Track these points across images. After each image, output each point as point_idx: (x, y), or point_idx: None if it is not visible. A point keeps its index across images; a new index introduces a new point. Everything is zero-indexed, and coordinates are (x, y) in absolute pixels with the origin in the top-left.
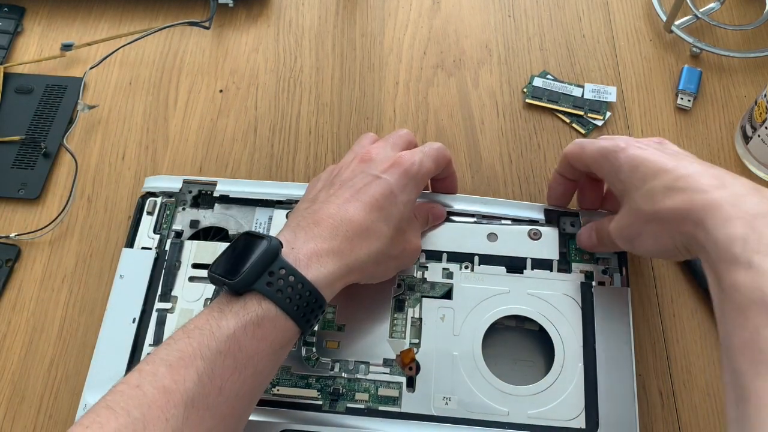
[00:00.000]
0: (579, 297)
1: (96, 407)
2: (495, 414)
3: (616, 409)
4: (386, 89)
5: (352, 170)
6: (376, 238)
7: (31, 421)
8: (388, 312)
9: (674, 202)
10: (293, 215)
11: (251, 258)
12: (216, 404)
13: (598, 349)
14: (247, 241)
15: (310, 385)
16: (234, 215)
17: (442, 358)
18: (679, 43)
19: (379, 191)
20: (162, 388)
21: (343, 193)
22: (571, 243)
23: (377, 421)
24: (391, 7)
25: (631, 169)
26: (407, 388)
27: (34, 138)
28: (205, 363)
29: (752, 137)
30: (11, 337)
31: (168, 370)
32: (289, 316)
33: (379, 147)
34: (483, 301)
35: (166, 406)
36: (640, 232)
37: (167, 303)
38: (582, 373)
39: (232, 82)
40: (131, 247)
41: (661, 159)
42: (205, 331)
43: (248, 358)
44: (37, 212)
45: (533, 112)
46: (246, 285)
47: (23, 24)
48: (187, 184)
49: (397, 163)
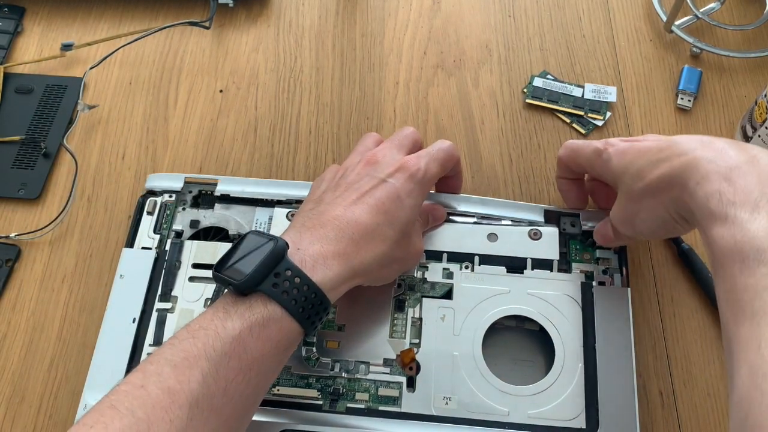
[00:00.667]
0: (579, 297)
1: (99, 406)
2: (495, 414)
3: (617, 409)
4: (386, 89)
5: (358, 173)
6: (381, 241)
7: (31, 421)
8: (388, 312)
9: (660, 170)
10: (298, 216)
11: (257, 258)
12: (220, 405)
13: (599, 349)
14: (253, 240)
15: (310, 384)
16: (234, 215)
17: (442, 358)
18: (679, 43)
19: (386, 195)
20: (166, 388)
21: (349, 195)
22: (571, 243)
23: (377, 421)
24: (391, 7)
25: (619, 158)
26: (407, 388)
27: (34, 138)
28: (210, 364)
29: (752, 137)
30: (11, 337)
31: (172, 370)
32: (294, 318)
33: (385, 149)
34: (483, 301)
35: (170, 406)
36: (637, 211)
37: (167, 303)
38: (582, 373)
39: (232, 82)
40: (131, 247)
41: (646, 142)
42: (210, 332)
43: (253, 360)
44: (37, 212)
45: (533, 112)
46: (252, 286)
47: (23, 24)
48: (188, 183)
49: (404, 167)
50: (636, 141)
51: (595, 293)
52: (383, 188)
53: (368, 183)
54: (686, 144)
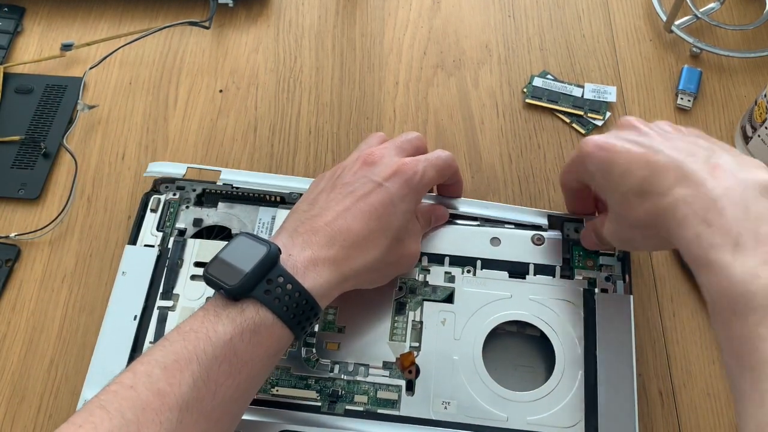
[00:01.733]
0: (581, 304)
1: (89, 406)
2: (494, 419)
3: (616, 418)
4: (386, 89)
5: (354, 173)
6: (372, 247)
7: (31, 421)
8: (388, 314)
9: (645, 209)
10: (291, 216)
11: (250, 264)
12: (210, 408)
13: (599, 357)
14: (244, 243)
15: (309, 386)
16: (237, 214)
17: (442, 362)
18: (679, 43)
19: (379, 200)
20: (157, 390)
21: (343, 200)
22: (574, 249)
23: (376, 424)
24: (391, 7)
25: (602, 175)
26: (406, 392)
27: (34, 138)
28: (201, 367)
29: (752, 137)
30: (11, 337)
31: (163, 372)
32: (285, 324)
33: (384, 149)
34: (484, 305)
35: (160, 409)
36: (631, 237)
37: (169, 301)
38: (582, 380)
39: (232, 82)
40: (134, 244)
41: (627, 157)
42: (201, 335)
43: (243, 364)
44: (37, 212)
45: (533, 112)
46: (244, 292)
47: (23, 24)
48: (189, 181)
49: (400, 171)
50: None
51: (597, 300)
52: (377, 193)
53: (363, 187)
54: (665, 178)
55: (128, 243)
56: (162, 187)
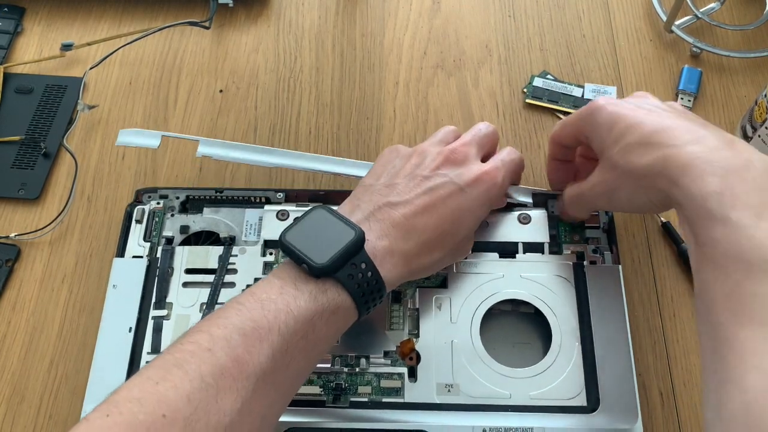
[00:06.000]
0: (572, 277)
1: (161, 362)
2: (497, 398)
3: (616, 385)
4: (386, 89)
5: (436, 167)
6: (442, 247)
7: (31, 421)
8: (385, 304)
9: (649, 158)
10: (367, 193)
11: (336, 244)
12: (281, 380)
13: (594, 327)
14: (327, 219)
15: (312, 381)
16: (223, 218)
17: (441, 346)
18: (679, 43)
19: (457, 205)
20: (236, 357)
21: (423, 195)
22: (560, 225)
23: (382, 412)
24: (391, 7)
25: (608, 126)
26: (409, 378)
27: (34, 138)
28: (282, 339)
29: (752, 137)
30: (11, 337)
31: (242, 338)
32: (357, 307)
33: (466, 148)
34: (478, 287)
35: (238, 376)
36: (616, 187)
37: (163, 310)
38: (580, 351)
39: (232, 82)
40: (122, 257)
41: (637, 113)
42: (281, 306)
43: (318, 340)
44: (37, 212)
45: (533, 112)
46: (329, 273)
47: (23, 24)
48: (174, 190)
49: (481, 180)
50: (625, 101)
51: (587, 272)
52: (457, 198)
53: (445, 187)
54: (679, 135)
55: (116, 256)
56: (145, 197)
